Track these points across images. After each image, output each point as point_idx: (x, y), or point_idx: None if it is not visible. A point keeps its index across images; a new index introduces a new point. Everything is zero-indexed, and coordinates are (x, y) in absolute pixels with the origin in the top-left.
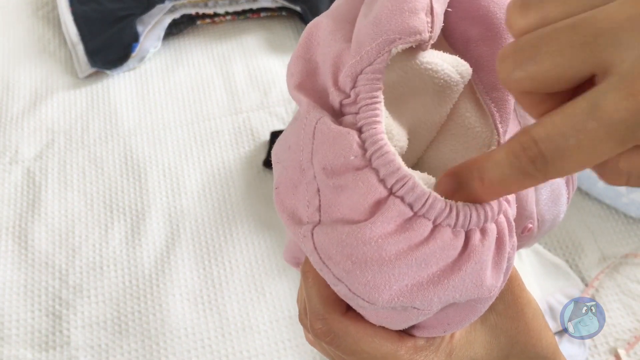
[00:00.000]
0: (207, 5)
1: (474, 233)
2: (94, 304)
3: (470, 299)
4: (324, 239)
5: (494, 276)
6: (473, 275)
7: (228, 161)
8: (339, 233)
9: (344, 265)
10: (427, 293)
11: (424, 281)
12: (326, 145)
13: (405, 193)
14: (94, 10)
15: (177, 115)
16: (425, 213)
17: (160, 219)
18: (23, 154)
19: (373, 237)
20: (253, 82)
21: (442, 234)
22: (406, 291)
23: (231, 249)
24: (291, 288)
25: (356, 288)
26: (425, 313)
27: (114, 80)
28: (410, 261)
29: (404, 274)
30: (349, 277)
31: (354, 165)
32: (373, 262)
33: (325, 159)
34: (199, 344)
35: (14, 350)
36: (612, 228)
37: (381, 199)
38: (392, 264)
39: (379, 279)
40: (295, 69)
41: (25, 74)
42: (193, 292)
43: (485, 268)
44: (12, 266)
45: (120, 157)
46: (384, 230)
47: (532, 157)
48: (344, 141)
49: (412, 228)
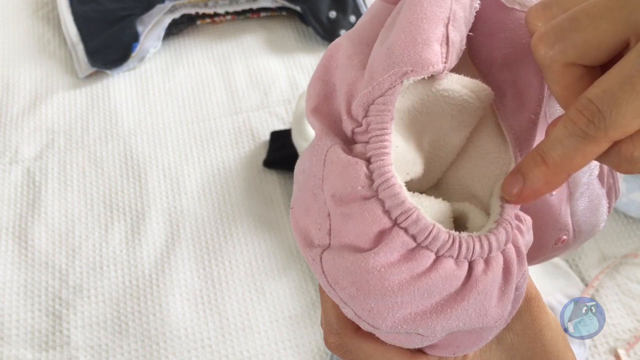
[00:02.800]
0: (207, 5)
1: (477, 264)
2: (94, 304)
3: (475, 327)
4: (331, 264)
5: (499, 306)
6: (477, 305)
7: (228, 161)
8: (345, 260)
9: (349, 291)
10: (430, 322)
11: (426, 310)
12: (335, 174)
13: (409, 225)
14: (94, 10)
15: (177, 115)
16: (428, 244)
17: (160, 219)
18: (23, 153)
19: (376, 267)
20: (253, 82)
21: (445, 265)
22: (409, 319)
23: (231, 249)
24: (291, 288)
25: (360, 313)
26: (430, 339)
27: (114, 80)
28: (412, 291)
29: (406, 302)
30: (353, 302)
31: (361, 195)
32: (376, 290)
33: (334, 187)
34: (199, 344)
35: (14, 350)
36: (612, 228)
37: (385, 229)
38: (395, 293)
39: (382, 307)
40: (313, 92)
41: (25, 74)
42: (193, 292)
43: (489, 298)
44: (12, 266)
45: (120, 157)
46: (387, 260)
47: (589, 116)
48: (352, 171)
49: (415, 258)
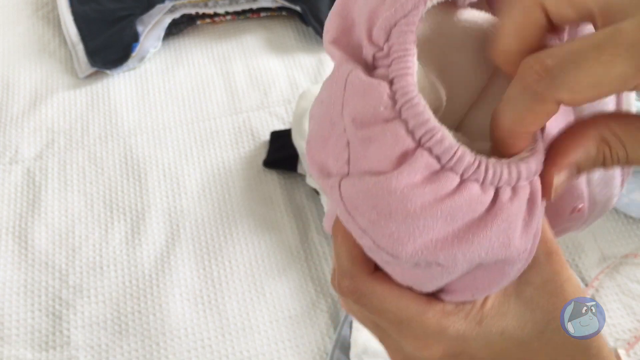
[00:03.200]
0: (207, 5)
1: (504, 191)
2: (94, 303)
3: (497, 259)
4: (350, 189)
5: (523, 237)
6: (500, 234)
7: (228, 161)
8: (366, 183)
9: (368, 215)
10: (452, 249)
11: (448, 236)
12: (357, 96)
13: (434, 145)
14: (94, 10)
15: (177, 115)
16: (453, 166)
17: (160, 219)
18: (23, 153)
19: (399, 188)
20: (253, 82)
21: (470, 189)
22: (430, 245)
23: (231, 249)
24: (291, 288)
25: (380, 240)
26: (450, 271)
27: (114, 80)
28: (435, 214)
29: (428, 227)
30: (373, 229)
31: (384, 117)
32: (397, 213)
33: (355, 110)
34: (199, 344)
35: (13, 350)
36: (612, 228)
37: (409, 150)
38: (417, 216)
39: (403, 231)
40: (331, 26)
41: (25, 73)
42: (193, 292)
43: (514, 228)
44: (12, 266)
45: (120, 157)
46: (410, 181)
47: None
48: (375, 92)
49: (439, 180)
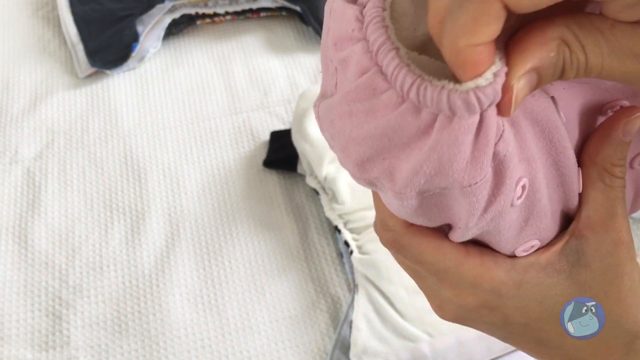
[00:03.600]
0: (207, 5)
1: (440, 118)
2: (93, 304)
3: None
4: (323, 107)
5: (468, 169)
6: (432, 162)
7: (228, 161)
8: (331, 101)
9: (330, 131)
10: (383, 168)
11: (380, 154)
12: (336, 21)
13: (382, 61)
14: (94, 10)
15: (177, 115)
16: (392, 82)
17: (160, 219)
18: (23, 154)
19: (347, 100)
20: (253, 82)
21: (404, 109)
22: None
23: (231, 249)
24: (291, 288)
25: (339, 155)
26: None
27: (114, 80)
28: (370, 125)
29: (365, 137)
30: (334, 143)
31: (354, 38)
32: (346, 125)
33: (334, 34)
34: (199, 344)
35: (13, 350)
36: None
37: (366, 68)
38: (357, 127)
39: (350, 144)
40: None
41: (25, 74)
42: (193, 292)
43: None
44: (12, 266)
45: (120, 157)
46: (356, 95)
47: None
48: (347, 15)
49: (379, 95)
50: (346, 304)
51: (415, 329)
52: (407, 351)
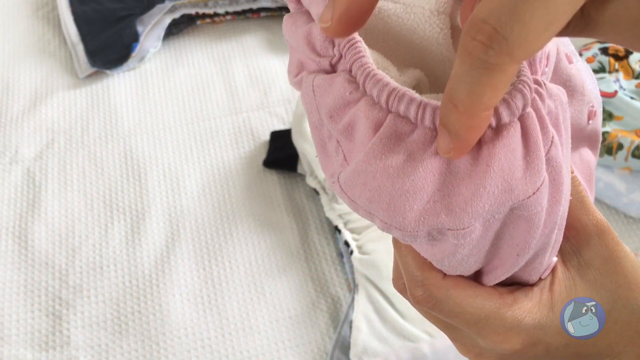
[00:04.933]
0: (207, 5)
1: (484, 135)
2: (93, 304)
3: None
4: (346, 177)
5: (527, 177)
6: (496, 179)
7: (228, 161)
8: (355, 166)
9: (365, 195)
10: (451, 207)
11: (442, 193)
12: (324, 94)
13: (400, 105)
14: (94, 10)
15: (177, 115)
16: (421, 119)
17: (160, 219)
18: (23, 154)
19: (375, 156)
20: (253, 82)
21: None
22: (429, 208)
23: (231, 249)
24: (291, 288)
25: (385, 216)
26: (466, 234)
27: (114, 80)
28: (417, 171)
29: (417, 188)
30: (373, 206)
31: (352, 100)
32: (385, 182)
33: (328, 106)
34: (199, 344)
35: (13, 350)
36: (612, 228)
37: (380, 119)
38: (402, 179)
39: (396, 199)
40: (289, 69)
41: (26, 74)
42: (193, 292)
43: (511, 170)
44: (12, 266)
45: (120, 157)
46: (383, 148)
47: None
48: (337, 83)
49: (412, 138)
50: (346, 304)
51: (415, 329)
52: (407, 351)
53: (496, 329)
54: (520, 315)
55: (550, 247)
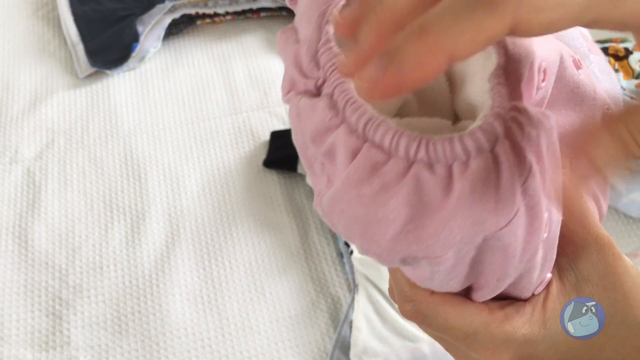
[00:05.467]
0: (207, 5)
1: (455, 168)
2: (94, 304)
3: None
4: (326, 201)
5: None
6: (465, 213)
7: (228, 161)
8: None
9: (342, 222)
10: (423, 237)
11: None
12: (308, 118)
13: (375, 135)
14: (94, 10)
15: (177, 115)
16: (394, 150)
17: (160, 219)
18: (23, 154)
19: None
20: (253, 82)
21: (417, 171)
22: (400, 237)
23: (231, 249)
24: (291, 288)
25: (359, 242)
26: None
27: (114, 80)
28: (389, 202)
29: (390, 218)
30: (350, 233)
31: (333, 126)
32: (359, 210)
33: (311, 130)
34: (199, 344)
35: (14, 350)
36: (612, 228)
37: (356, 147)
38: (375, 209)
39: (370, 228)
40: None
41: (26, 73)
42: (193, 292)
43: (480, 203)
44: (12, 266)
45: (120, 157)
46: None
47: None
48: (319, 108)
49: (385, 169)
50: (346, 304)
51: (415, 328)
52: (407, 351)
53: (485, 344)
54: (510, 331)
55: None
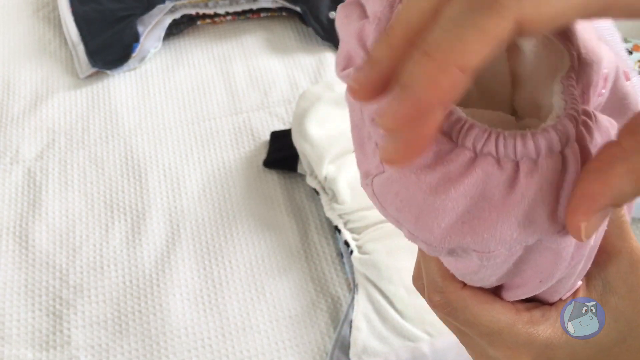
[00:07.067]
0: (207, 5)
1: (523, 164)
2: (94, 303)
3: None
4: (379, 183)
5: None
6: (525, 210)
7: (228, 161)
8: (390, 173)
9: (396, 204)
10: (479, 229)
11: (471, 215)
12: None
13: (443, 124)
14: (95, 11)
15: (178, 115)
16: (463, 140)
17: (160, 219)
18: (24, 154)
19: (412, 170)
20: (253, 82)
21: (483, 164)
22: (457, 227)
23: (231, 249)
24: (291, 288)
25: (412, 228)
26: (491, 257)
27: (115, 81)
28: (450, 191)
29: (448, 207)
30: (402, 216)
31: None
32: (417, 195)
33: (371, 109)
34: (199, 344)
35: (14, 350)
36: None
37: None
38: (434, 197)
39: (425, 214)
40: (337, 61)
41: (26, 74)
42: (193, 292)
43: (542, 204)
44: (13, 266)
45: (120, 157)
46: (422, 162)
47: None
48: None
49: (450, 158)
50: (346, 303)
51: (415, 328)
52: (407, 351)
53: (508, 343)
54: (533, 333)
55: (576, 275)
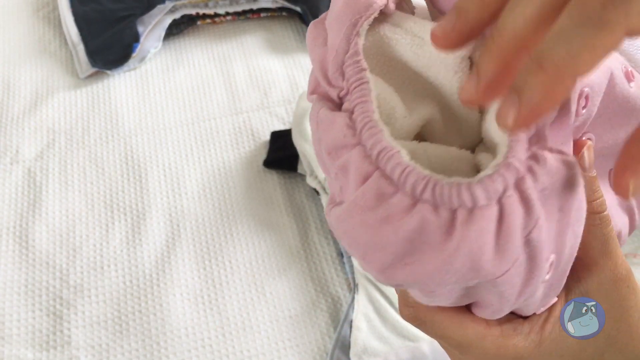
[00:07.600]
0: (207, 5)
1: (459, 213)
2: (94, 303)
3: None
4: (335, 216)
5: (497, 260)
6: (463, 258)
7: (228, 161)
8: (339, 211)
9: (345, 240)
10: (416, 271)
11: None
12: (326, 131)
13: (386, 165)
14: (95, 11)
15: (178, 115)
16: (401, 185)
17: (160, 219)
18: (24, 154)
19: (355, 210)
20: (253, 82)
21: (422, 210)
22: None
23: (231, 249)
24: (291, 288)
25: (360, 262)
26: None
27: (115, 81)
28: (391, 237)
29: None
30: (352, 252)
31: (348, 145)
32: (361, 235)
33: (327, 143)
34: (199, 344)
35: (14, 350)
36: None
37: (368, 173)
38: (376, 238)
39: (370, 254)
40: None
41: (26, 74)
42: (193, 292)
43: (479, 252)
44: (13, 266)
45: (120, 157)
46: (365, 204)
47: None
48: (338, 124)
49: (391, 202)
50: (346, 303)
51: (415, 329)
52: (407, 351)
53: (477, 356)
54: (503, 347)
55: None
